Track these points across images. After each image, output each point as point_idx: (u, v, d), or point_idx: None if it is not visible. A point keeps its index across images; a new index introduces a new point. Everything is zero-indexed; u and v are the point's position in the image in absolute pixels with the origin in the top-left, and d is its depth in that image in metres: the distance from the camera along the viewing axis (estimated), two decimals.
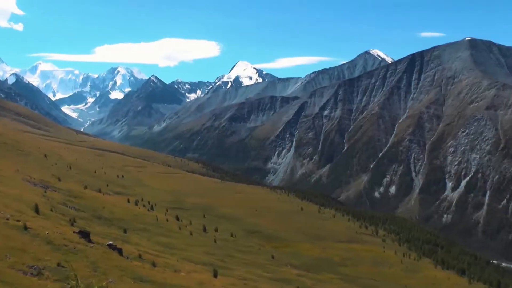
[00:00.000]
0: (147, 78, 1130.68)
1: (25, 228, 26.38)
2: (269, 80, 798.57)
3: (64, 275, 19.23)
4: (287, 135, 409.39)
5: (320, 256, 78.84)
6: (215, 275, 39.26)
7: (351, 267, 76.03)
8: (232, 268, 49.50)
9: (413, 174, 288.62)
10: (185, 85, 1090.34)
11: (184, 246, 55.85)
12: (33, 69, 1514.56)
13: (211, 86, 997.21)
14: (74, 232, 31.69)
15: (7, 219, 27.77)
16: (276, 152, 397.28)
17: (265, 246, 76.90)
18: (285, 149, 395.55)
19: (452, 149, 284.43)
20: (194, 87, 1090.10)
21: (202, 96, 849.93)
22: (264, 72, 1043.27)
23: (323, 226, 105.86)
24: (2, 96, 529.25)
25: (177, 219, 76.27)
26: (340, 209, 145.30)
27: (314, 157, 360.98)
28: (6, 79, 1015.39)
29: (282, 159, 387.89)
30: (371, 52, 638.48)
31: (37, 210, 38.13)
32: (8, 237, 22.85)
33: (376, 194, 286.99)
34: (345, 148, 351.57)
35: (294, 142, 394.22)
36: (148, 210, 76.76)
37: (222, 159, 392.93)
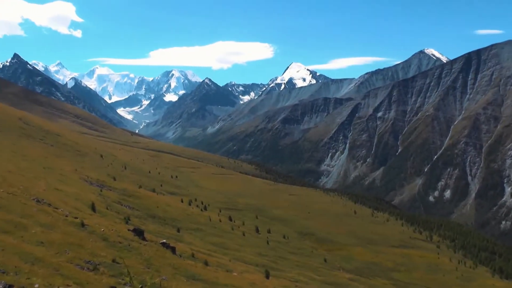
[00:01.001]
0: (201, 80, 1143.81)
1: (83, 225, 27.02)
2: (323, 81, 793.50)
3: (118, 271, 19.57)
4: (341, 137, 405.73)
5: (373, 260, 77.47)
6: (267, 276, 39.19)
7: (404, 273, 74.22)
8: (284, 270, 49.30)
9: (469, 178, 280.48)
10: (238, 87, 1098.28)
11: (237, 246, 55.99)
12: (91, 74, 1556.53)
13: (264, 88, 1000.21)
14: (128, 230, 32.22)
15: (66, 216, 28.51)
16: (330, 154, 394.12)
17: (318, 249, 76.28)
18: (339, 151, 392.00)
19: (511, 152, 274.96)
20: (247, 89, 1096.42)
21: (255, 98, 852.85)
22: (317, 74, 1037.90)
23: (376, 230, 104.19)
24: (62, 99, 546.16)
25: (230, 219, 76.60)
26: (394, 213, 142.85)
27: (367, 160, 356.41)
28: (66, 83, 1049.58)
29: (336, 161, 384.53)
30: (425, 51, 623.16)
31: (93, 208, 39.01)
32: (66, 233, 23.45)
33: (431, 198, 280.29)
34: (399, 151, 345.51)
35: (347, 144, 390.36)
36: (201, 210, 77.38)
37: (275, 161, 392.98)
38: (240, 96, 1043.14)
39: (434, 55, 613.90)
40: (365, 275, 64.73)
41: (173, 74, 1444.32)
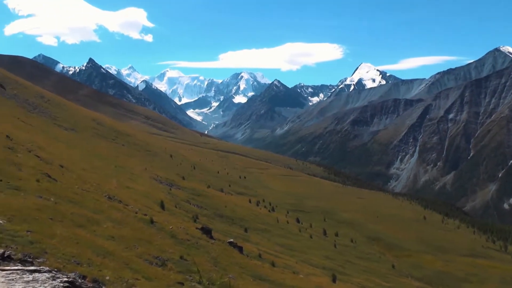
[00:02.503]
0: (270, 82, 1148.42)
1: (152, 222, 27.55)
2: (393, 82, 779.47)
3: (186, 268, 19.82)
4: (411, 140, 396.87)
5: (443, 269, 74.66)
6: (334, 280, 38.75)
7: (476, 284, 70.72)
8: (351, 275, 48.61)
9: None
10: (307, 89, 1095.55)
11: (304, 248, 55.69)
12: (161, 76, 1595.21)
13: (333, 89, 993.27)
14: (196, 228, 32.62)
15: (136, 213, 29.18)
16: (399, 157, 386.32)
17: (386, 254, 74.73)
18: (408, 154, 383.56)
19: None
20: (316, 90, 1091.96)
21: (324, 99, 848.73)
22: (387, 74, 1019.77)
23: (446, 238, 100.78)
24: (133, 101, 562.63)
25: (298, 221, 76.36)
26: (465, 220, 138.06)
27: (438, 163, 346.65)
28: (137, 85, 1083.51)
29: (405, 164, 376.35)
30: (501, 49, 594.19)
31: (162, 206, 39.76)
32: (136, 229, 23.98)
33: (505, 205, 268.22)
34: (471, 154, 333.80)
35: (417, 147, 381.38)
36: (269, 211, 77.51)
37: (343, 163, 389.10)
38: (309, 97, 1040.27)
39: (510, 53, 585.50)
40: (434, 284, 62.73)
41: (242, 76, 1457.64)
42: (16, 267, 5.45)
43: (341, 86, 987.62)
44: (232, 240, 33.93)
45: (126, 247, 19.28)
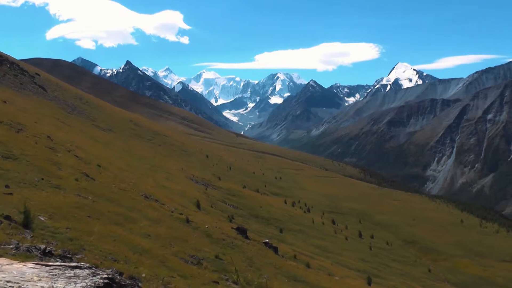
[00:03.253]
0: (306, 83, 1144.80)
1: (187, 221, 27.81)
2: (429, 81, 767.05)
3: (221, 267, 19.95)
4: (448, 141, 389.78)
5: (481, 275, 72.52)
6: (369, 283, 38.42)
7: None
8: (386, 278, 48.10)
9: None
10: (343, 89, 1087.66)
11: (339, 250, 55.34)
12: (198, 78, 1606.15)
13: (370, 90, 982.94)
14: (232, 228, 32.77)
15: (172, 212, 29.51)
16: (436, 158, 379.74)
17: (422, 258, 73.53)
18: (445, 156, 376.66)
19: None
20: (352, 90, 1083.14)
21: (360, 99, 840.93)
22: (424, 74, 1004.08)
23: (484, 242, 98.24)
24: (170, 102, 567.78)
25: (333, 223, 75.90)
26: (505, 224, 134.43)
27: (476, 165, 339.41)
28: (174, 87, 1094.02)
29: (442, 166, 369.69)
30: None
31: (198, 206, 40.09)
32: (172, 228, 24.25)
33: None
34: (511, 156, 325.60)
35: (454, 149, 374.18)
36: (305, 212, 77.29)
37: (379, 165, 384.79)
38: (345, 98, 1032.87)
39: None
40: None
41: (278, 77, 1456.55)
42: (58, 263, 5.60)
43: (377, 86, 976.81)
44: (267, 240, 33.97)
45: (162, 245, 19.51)
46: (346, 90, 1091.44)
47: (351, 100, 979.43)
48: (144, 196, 30.89)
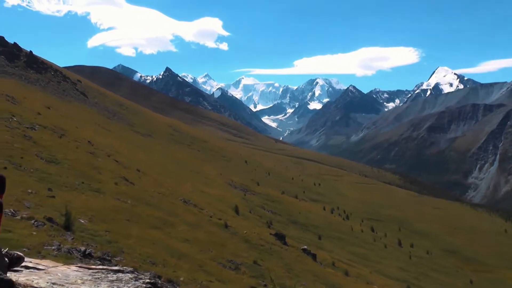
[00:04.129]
0: (345, 88, 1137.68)
1: (226, 226, 27.84)
2: (471, 86, 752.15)
3: (259, 273, 19.86)
4: (490, 147, 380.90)
5: None
6: None
7: None
8: None
9: None
10: (383, 94, 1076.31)
11: (378, 258, 54.54)
12: (237, 84, 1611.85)
13: (409, 95, 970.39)
14: (270, 233, 32.67)
15: (211, 216, 29.60)
16: (478, 166, 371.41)
17: (463, 268, 71.69)
18: (488, 163, 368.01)
19: None
20: (392, 96, 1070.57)
21: (400, 105, 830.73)
22: (465, 78, 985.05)
23: None
24: (209, 108, 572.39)
25: (372, 230, 74.96)
26: None
27: None
28: (213, 93, 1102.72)
29: (484, 174, 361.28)
30: None
31: (237, 211, 40.11)
32: (210, 233, 24.31)
33: None
34: None
35: (498, 156, 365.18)
36: (343, 219, 76.61)
37: (419, 171, 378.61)
38: (385, 103, 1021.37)
39: None
40: None
41: (317, 82, 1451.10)
42: (101, 267, 5.63)
43: (417, 91, 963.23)
44: (305, 247, 33.74)
45: (201, 249, 19.55)
46: (385, 95, 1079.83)
47: (390, 105, 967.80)
48: (183, 201, 31.08)
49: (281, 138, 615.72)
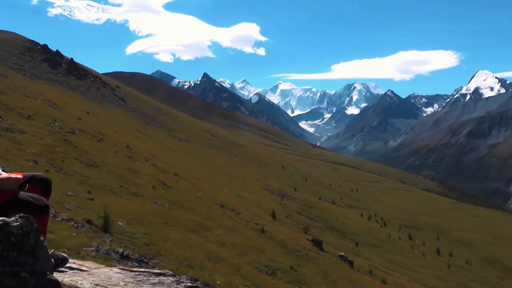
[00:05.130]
0: (382, 93, 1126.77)
1: (263, 231, 27.82)
2: None
3: (296, 278, 19.77)
4: None
5: None
6: None
7: None
8: None
9: None
10: (421, 99, 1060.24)
11: (416, 267, 53.65)
12: (274, 89, 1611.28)
13: (448, 99, 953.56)
14: (307, 239, 32.50)
15: (247, 221, 29.64)
16: None
17: (505, 279, 69.71)
18: None
19: None
20: (430, 100, 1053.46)
21: (439, 110, 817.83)
22: (507, 82, 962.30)
23: None
24: (247, 113, 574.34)
25: (410, 238, 73.79)
26: None
27: None
28: (250, 98, 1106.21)
29: None
30: None
31: (274, 216, 40.05)
32: (247, 237, 24.31)
33: None
34: None
35: None
36: (381, 226, 75.68)
37: (458, 178, 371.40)
38: (423, 108, 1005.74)
39: None
40: None
41: (355, 87, 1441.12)
42: (143, 269, 5.68)
43: (456, 95, 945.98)
44: (342, 253, 33.45)
45: (237, 254, 19.57)
46: (424, 100, 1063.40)
47: (429, 110, 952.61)
48: (220, 205, 31.20)
49: (318, 144, 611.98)
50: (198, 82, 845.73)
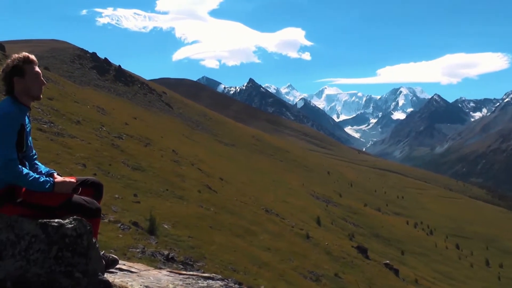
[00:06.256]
0: (429, 97, 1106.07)
1: (307, 236, 27.75)
2: None
3: (340, 286, 19.64)
4: None
5: None
6: None
7: None
8: None
9: None
10: (469, 103, 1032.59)
11: (463, 278, 52.36)
12: (319, 94, 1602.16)
13: (498, 104, 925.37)
14: (352, 246, 32.23)
15: (292, 226, 29.62)
16: None
17: None
18: None
19: None
20: (479, 105, 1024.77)
21: (488, 114, 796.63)
22: None
23: None
24: (292, 118, 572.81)
25: (457, 247, 72.11)
26: None
27: None
28: (296, 103, 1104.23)
29: None
30: None
31: (318, 222, 39.86)
32: (292, 243, 24.29)
33: None
34: None
35: None
36: (427, 234, 74.30)
37: (509, 186, 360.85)
38: (471, 113, 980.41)
39: None
40: None
41: (401, 92, 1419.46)
42: (191, 272, 5.78)
43: (506, 99, 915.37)
44: (388, 261, 33.01)
45: (282, 259, 19.58)
46: (472, 104, 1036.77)
47: (477, 115, 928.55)
48: (265, 210, 31.28)
49: (364, 149, 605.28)
50: (244, 87, 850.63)
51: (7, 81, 4.55)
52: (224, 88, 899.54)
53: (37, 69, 4.64)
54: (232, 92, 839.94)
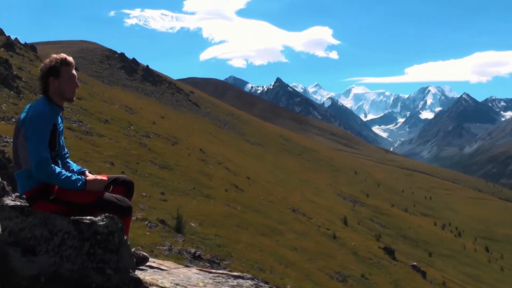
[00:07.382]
0: (458, 96, 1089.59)
1: (334, 237, 27.64)
2: None
3: (367, 287, 19.51)
4: None
5: None
6: None
7: None
8: None
9: None
10: (499, 102, 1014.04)
11: (493, 282, 51.48)
12: (347, 93, 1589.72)
13: None
14: (379, 247, 31.97)
15: (319, 226, 29.53)
16: None
17: None
18: None
19: None
20: (510, 104, 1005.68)
21: None
22: None
23: None
24: (319, 117, 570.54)
25: (487, 250, 70.95)
26: None
27: None
28: (323, 102, 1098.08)
29: None
30: None
31: (345, 222, 39.65)
32: (318, 243, 24.23)
33: None
34: None
35: None
36: (455, 236, 73.31)
37: None
38: (502, 112, 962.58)
39: None
40: None
41: (429, 90, 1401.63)
42: (221, 271, 5.80)
43: None
44: (415, 263, 32.66)
45: (308, 259, 19.55)
46: (502, 103, 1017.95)
47: (508, 114, 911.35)
48: (292, 210, 31.25)
49: (391, 149, 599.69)
50: (271, 86, 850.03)
51: (43, 80, 4.64)
52: (251, 87, 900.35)
53: (73, 71, 4.72)
54: (259, 91, 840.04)
